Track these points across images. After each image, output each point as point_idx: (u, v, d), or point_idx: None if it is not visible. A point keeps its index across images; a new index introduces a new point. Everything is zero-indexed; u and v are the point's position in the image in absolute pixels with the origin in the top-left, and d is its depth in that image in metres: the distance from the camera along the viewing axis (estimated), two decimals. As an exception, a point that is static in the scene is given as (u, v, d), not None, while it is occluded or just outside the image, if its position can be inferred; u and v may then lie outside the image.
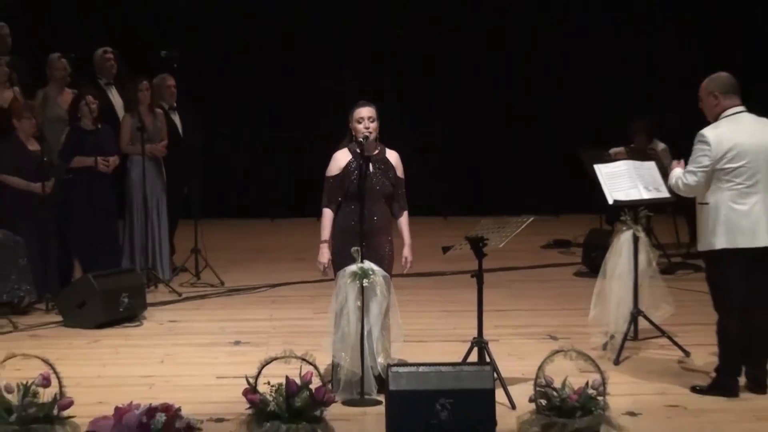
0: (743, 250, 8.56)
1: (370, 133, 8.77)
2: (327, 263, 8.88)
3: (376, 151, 8.91)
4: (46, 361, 7.71)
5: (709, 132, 8.53)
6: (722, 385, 8.76)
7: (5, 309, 11.17)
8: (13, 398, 7.54)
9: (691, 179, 8.52)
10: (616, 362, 9.56)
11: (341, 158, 8.87)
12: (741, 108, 8.66)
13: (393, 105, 9.63)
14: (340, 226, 8.93)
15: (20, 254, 11.37)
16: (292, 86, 16.29)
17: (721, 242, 8.59)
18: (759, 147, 8.54)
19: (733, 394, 8.67)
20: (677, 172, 8.82)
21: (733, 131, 8.55)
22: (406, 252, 9.04)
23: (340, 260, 8.83)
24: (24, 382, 7.54)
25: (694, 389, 8.86)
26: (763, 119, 8.69)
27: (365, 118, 8.82)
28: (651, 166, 10.71)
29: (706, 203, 8.62)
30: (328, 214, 8.86)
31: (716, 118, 8.67)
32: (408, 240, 9.08)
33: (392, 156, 9.04)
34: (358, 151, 8.78)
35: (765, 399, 8.54)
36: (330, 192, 8.85)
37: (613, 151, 12.84)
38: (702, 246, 8.81)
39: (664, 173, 10.71)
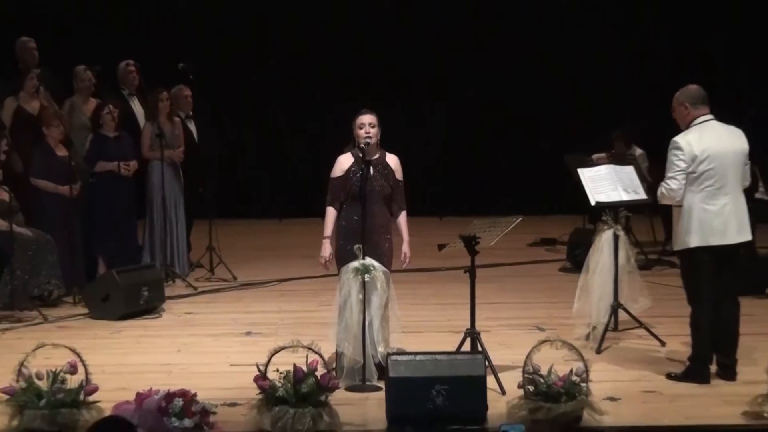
0: (714, 247, 8.62)
1: (371, 138, 8.81)
2: (328, 257, 8.93)
3: (377, 155, 8.93)
4: (73, 350, 7.75)
5: (680, 139, 8.61)
6: (695, 372, 8.79)
7: (36, 302, 11.20)
8: (43, 384, 7.58)
9: (673, 184, 8.57)
10: (598, 351, 9.57)
11: (344, 161, 8.91)
12: (709, 116, 8.75)
13: (392, 112, 9.61)
14: (343, 225, 8.96)
15: (50, 251, 11.43)
16: (297, 99, 16.29)
17: (694, 241, 8.64)
18: (726, 152, 8.63)
19: (705, 381, 8.71)
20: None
21: (702, 138, 8.63)
22: (405, 249, 9.07)
23: (343, 256, 8.86)
24: (53, 370, 7.60)
25: (669, 376, 8.89)
26: (730, 126, 8.79)
27: (366, 124, 8.86)
28: (630, 170, 10.76)
29: (680, 205, 8.67)
30: (331, 212, 8.89)
31: (687, 126, 8.75)
32: (406, 238, 9.11)
33: (392, 160, 9.06)
34: (360, 155, 8.80)
35: (734, 385, 8.56)
36: (333, 192, 8.88)
37: (595, 156, 12.86)
38: (677, 245, 8.89)
39: (642, 177, 10.78)
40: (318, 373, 7.74)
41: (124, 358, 9.43)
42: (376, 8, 16.44)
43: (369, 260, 8.72)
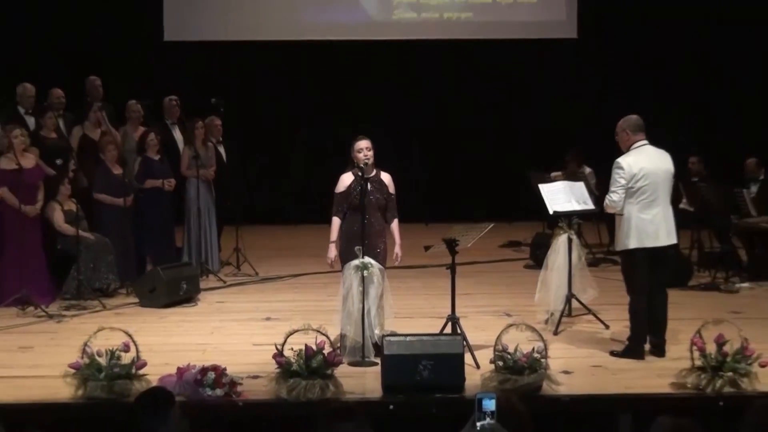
0: (648, 248, 8.69)
1: (369, 160, 8.85)
2: (334, 258, 8.93)
3: (373, 173, 8.96)
4: (126, 333, 7.77)
5: (622, 160, 8.67)
6: (633, 350, 8.82)
7: (97, 293, 11.20)
8: (103, 361, 7.60)
9: (615, 197, 8.66)
10: (555, 333, 9.56)
11: (346, 179, 8.94)
12: (645, 142, 8.81)
13: (383, 135, 9.66)
14: (346, 230, 8.99)
15: (108, 252, 11.49)
16: (308, 128, 16.34)
17: (632, 243, 8.70)
18: (657, 171, 8.71)
19: (640, 357, 8.74)
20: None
21: (639, 159, 8.70)
22: (397, 250, 9.11)
23: (346, 256, 8.88)
24: (110, 349, 7.62)
25: (612, 353, 8.91)
26: (660, 150, 8.87)
27: (364, 148, 8.89)
28: (581, 185, 10.87)
29: (621, 214, 8.73)
30: (336, 221, 8.90)
31: (627, 149, 8.81)
32: (398, 241, 9.13)
33: (385, 177, 9.10)
34: (360, 174, 8.84)
35: (663, 361, 8.57)
36: (338, 204, 8.90)
37: (552, 174, 12.88)
38: (618, 246, 8.95)
39: (590, 191, 10.82)
40: (325, 351, 7.76)
41: (167, 339, 9.46)
42: (368, 60, 16.46)
43: (367, 259, 8.74)
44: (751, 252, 12.45)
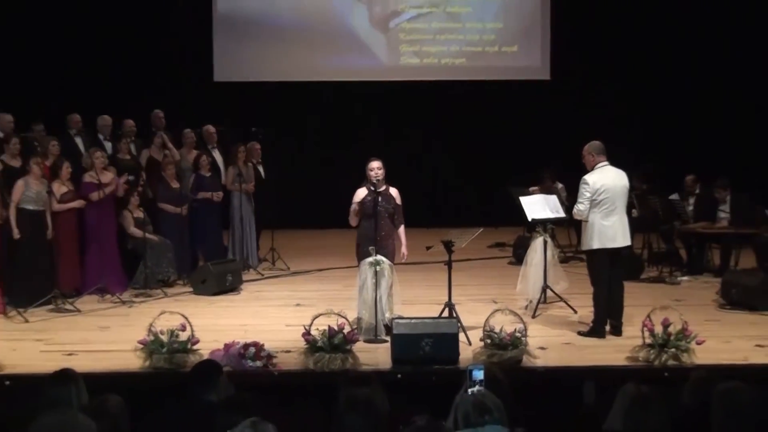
0: (608, 249, 8.73)
1: (379, 177, 8.87)
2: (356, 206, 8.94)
3: (383, 188, 8.96)
4: (183, 316, 7.78)
5: (588, 177, 8.73)
6: (596, 330, 8.81)
7: (160, 284, 11.24)
8: (165, 338, 7.61)
9: (582, 207, 8.73)
10: (533, 317, 9.57)
11: (361, 193, 8.97)
12: (606, 162, 8.85)
13: (392, 156, 9.66)
14: (362, 234, 9.00)
15: (169, 250, 11.53)
16: (331, 150, 16.33)
17: (596, 244, 8.73)
18: (616, 186, 8.75)
19: (602, 336, 8.74)
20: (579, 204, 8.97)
21: (601, 177, 8.73)
22: (403, 250, 9.14)
23: (362, 254, 8.89)
24: (171, 328, 7.63)
25: (580, 333, 8.91)
26: (618, 169, 8.90)
27: (375, 168, 8.92)
28: (554, 198, 10.98)
29: (587, 221, 8.74)
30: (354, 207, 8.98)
31: (592, 169, 8.84)
32: (404, 242, 9.15)
33: (393, 191, 9.11)
34: (372, 188, 8.85)
35: (620, 339, 8.57)
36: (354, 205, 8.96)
37: (531, 189, 12.85)
38: (584, 247, 9.00)
39: (562, 202, 10.81)
40: (345, 331, 7.76)
41: (216, 321, 9.44)
42: (379, 97, 16.45)
43: (379, 257, 8.75)
44: (690, 252, 12.44)
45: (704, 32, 15.61)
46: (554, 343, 8.62)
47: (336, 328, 7.78)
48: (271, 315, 9.95)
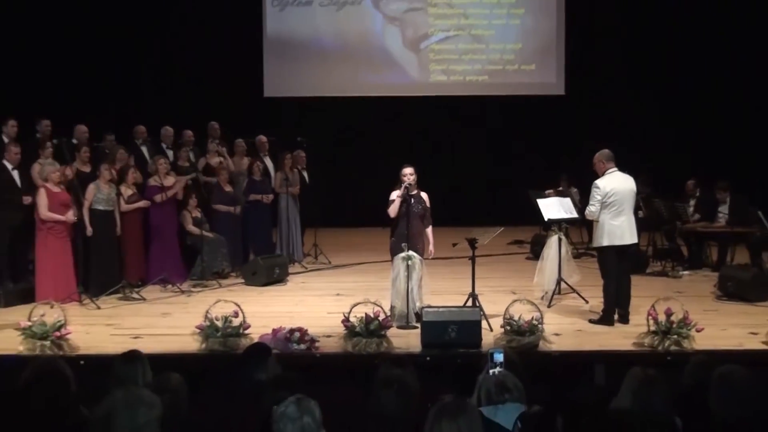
0: (617, 246, 8.70)
1: (411, 183, 8.86)
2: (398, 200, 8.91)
3: (415, 192, 8.95)
4: (236, 304, 7.81)
5: (599, 182, 8.71)
6: (605, 318, 8.77)
7: (215, 276, 11.31)
8: (219, 323, 7.64)
9: (593, 209, 8.72)
10: (548, 306, 9.53)
11: (394, 195, 8.95)
12: (615, 168, 8.82)
13: (424, 163, 9.66)
14: (395, 232, 9.00)
15: (223, 246, 11.58)
16: (369, 156, 16.30)
17: (605, 242, 8.71)
18: (624, 190, 8.71)
19: (611, 324, 8.70)
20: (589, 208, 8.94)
21: (611, 181, 8.71)
22: (430, 248, 9.12)
23: (395, 250, 8.89)
24: (225, 315, 7.67)
25: (591, 321, 8.87)
26: (626, 174, 8.86)
27: (408, 174, 8.92)
28: (568, 200, 10.93)
29: (597, 221, 8.70)
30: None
31: (602, 174, 8.81)
32: (431, 240, 9.15)
33: (424, 195, 9.12)
34: (405, 191, 8.84)
35: (628, 327, 8.53)
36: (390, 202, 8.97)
37: (547, 192, 12.77)
38: (595, 244, 9.00)
39: (575, 204, 10.73)
40: (380, 318, 7.76)
41: (265, 308, 9.48)
42: (411, 109, 16.43)
43: (411, 252, 8.75)
44: (690, 249, 12.38)
45: (705, 49, 15.48)
46: (568, 330, 8.58)
47: (372, 315, 7.78)
48: (313, 303, 9.95)
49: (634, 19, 15.66)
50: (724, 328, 8.59)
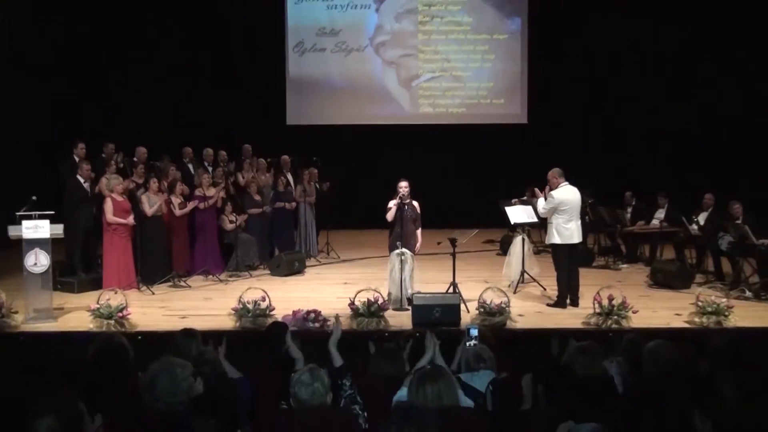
0: (567, 244, 8.69)
1: (406, 193, 8.87)
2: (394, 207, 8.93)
3: (408, 201, 8.96)
4: (263, 291, 7.83)
5: (555, 193, 8.79)
6: (559, 302, 8.79)
7: (247, 268, 11.27)
8: (250, 306, 7.67)
9: (545, 210, 8.79)
10: (514, 293, 9.56)
11: (392, 203, 8.95)
12: (566, 182, 8.82)
13: (413, 175, 9.65)
14: (393, 233, 9.03)
15: (253, 244, 11.58)
16: (370, 168, 16.27)
17: (558, 240, 8.70)
18: (574, 200, 8.78)
19: (564, 307, 8.70)
20: (540, 202, 8.91)
21: (564, 193, 8.77)
22: (418, 246, 9.13)
23: (392, 247, 8.93)
24: (255, 299, 7.69)
25: (548, 304, 8.89)
26: (574, 187, 8.87)
27: (402, 186, 8.92)
28: (530, 207, 10.82)
29: (551, 223, 8.72)
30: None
31: (556, 187, 8.80)
32: (420, 240, 9.19)
33: (415, 203, 9.16)
34: (400, 201, 8.85)
35: (577, 309, 8.62)
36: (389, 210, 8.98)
37: (513, 201, 12.74)
38: (550, 242, 8.94)
39: (536, 211, 10.70)
40: (379, 302, 7.78)
41: (286, 294, 9.47)
42: (403, 135, 16.40)
43: (404, 249, 8.75)
44: (627, 247, 12.37)
45: (636, 86, 15.51)
46: (529, 312, 8.61)
47: (372, 300, 7.81)
48: (326, 290, 9.96)
49: (582, 62, 15.68)
50: (654, 310, 8.63)
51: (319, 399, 3.82)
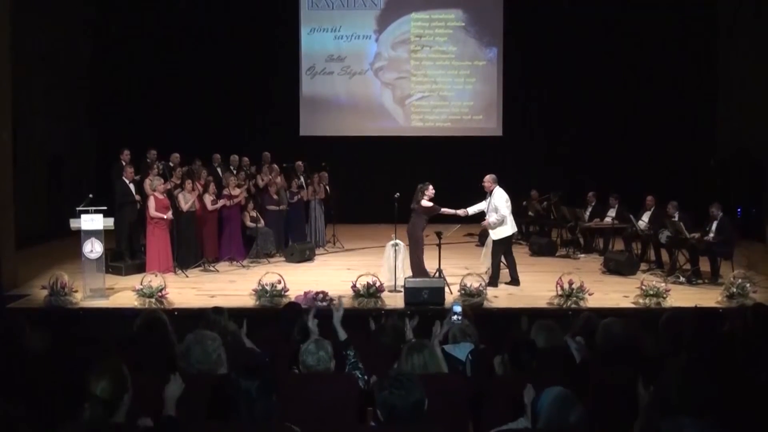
0: (509, 236, 8.65)
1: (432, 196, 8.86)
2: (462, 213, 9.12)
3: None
4: (279, 275, 7.82)
5: (504, 196, 8.96)
6: (492, 282, 8.77)
7: (266, 255, 11.20)
8: (268, 287, 7.66)
9: (502, 217, 8.91)
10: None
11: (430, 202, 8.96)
12: (497, 186, 9.01)
13: (406, 181, 9.58)
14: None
15: (271, 235, 11.48)
16: (369, 173, 16.21)
17: (510, 232, 8.72)
18: (509, 199, 8.83)
19: (496, 285, 8.82)
20: (492, 216, 8.99)
21: (503, 194, 8.97)
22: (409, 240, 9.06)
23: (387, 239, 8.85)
24: (272, 282, 7.67)
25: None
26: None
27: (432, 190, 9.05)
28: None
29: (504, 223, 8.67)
30: (444, 210, 9.08)
31: (492, 191, 9.04)
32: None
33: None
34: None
35: (543, 291, 8.52)
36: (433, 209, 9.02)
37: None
38: (503, 235, 9.04)
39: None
40: (376, 285, 7.78)
41: (298, 278, 9.37)
42: (397, 146, 16.34)
43: (397, 240, 8.75)
44: (585, 240, 12.34)
45: (593, 104, 15.52)
46: (502, 294, 8.61)
47: (371, 282, 7.81)
48: (332, 275, 9.92)
49: (547, 84, 15.69)
50: (606, 293, 8.63)
51: (324, 365, 3.85)
